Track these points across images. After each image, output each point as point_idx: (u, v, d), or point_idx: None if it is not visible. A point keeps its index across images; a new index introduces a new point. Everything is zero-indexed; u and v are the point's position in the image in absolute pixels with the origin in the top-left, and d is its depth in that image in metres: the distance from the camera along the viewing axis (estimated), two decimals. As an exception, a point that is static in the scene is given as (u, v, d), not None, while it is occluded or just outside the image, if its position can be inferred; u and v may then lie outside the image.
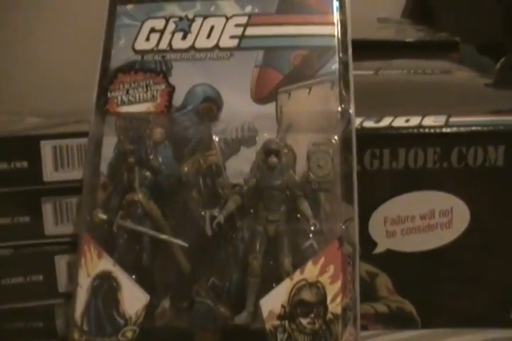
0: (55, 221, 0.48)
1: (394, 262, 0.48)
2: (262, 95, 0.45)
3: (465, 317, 0.49)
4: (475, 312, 0.49)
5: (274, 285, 0.40)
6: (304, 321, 0.40)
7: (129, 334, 0.41)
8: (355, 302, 0.41)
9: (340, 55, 0.45)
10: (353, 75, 0.45)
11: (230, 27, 0.47)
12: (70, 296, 0.43)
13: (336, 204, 0.41)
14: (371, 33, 0.75)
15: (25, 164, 0.48)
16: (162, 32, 0.47)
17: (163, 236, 0.43)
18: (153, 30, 0.47)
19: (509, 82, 0.59)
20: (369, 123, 0.48)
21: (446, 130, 0.47)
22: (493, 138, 0.46)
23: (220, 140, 0.44)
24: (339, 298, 0.40)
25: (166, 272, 0.43)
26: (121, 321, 0.41)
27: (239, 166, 0.43)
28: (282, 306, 0.40)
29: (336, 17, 0.46)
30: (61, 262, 0.48)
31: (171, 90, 0.46)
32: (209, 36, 0.47)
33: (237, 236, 0.42)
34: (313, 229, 0.41)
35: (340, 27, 0.46)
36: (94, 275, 0.42)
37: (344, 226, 0.41)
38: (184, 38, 0.47)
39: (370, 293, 0.48)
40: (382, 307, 0.49)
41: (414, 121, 0.48)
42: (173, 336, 0.41)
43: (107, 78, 0.47)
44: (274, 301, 0.40)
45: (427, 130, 0.47)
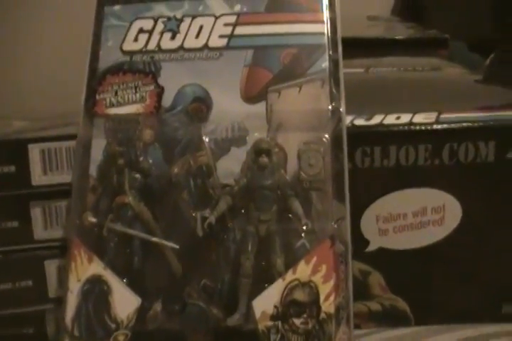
0: (44, 225, 0.48)
1: (386, 260, 0.48)
2: (252, 94, 0.45)
3: (458, 313, 0.49)
4: (468, 309, 0.49)
5: (266, 285, 0.40)
6: (297, 321, 0.39)
7: (121, 338, 0.41)
8: (349, 301, 0.41)
9: (330, 53, 0.45)
10: (343, 73, 0.44)
11: (218, 26, 0.46)
12: (60, 301, 0.43)
13: (328, 203, 0.41)
14: (361, 30, 0.76)
15: (12, 168, 0.47)
16: (150, 32, 0.47)
17: (154, 239, 0.42)
18: (141, 31, 0.47)
19: (498, 78, 0.59)
20: (360, 121, 0.47)
21: (437, 127, 0.47)
22: (484, 134, 0.46)
23: (210, 140, 0.44)
24: (332, 297, 0.40)
25: (157, 275, 0.42)
26: (113, 325, 0.41)
27: (229, 166, 0.43)
28: (275, 307, 0.40)
29: (326, 15, 0.46)
30: (51, 267, 0.48)
31: (160, 91, 0.45)
32: (198, 36, 0.46)
33: (228, 237, 0.42)
34: (305, 228, 0.41)
35: (329, 25, 0.45)
36: (85, 279, 0.42)
37: (336, 225, 0.41)
38: (173, 38, 0.47)
39: (363, 292, 0.48)
40: (375, 306, 0.49)
41: (405, 118, 0.47)
42: (165, 339, 0.41)
43: (95, 80, 0.46)
44: (266, 302, 0.40)
45: (418, 127, 0.47)
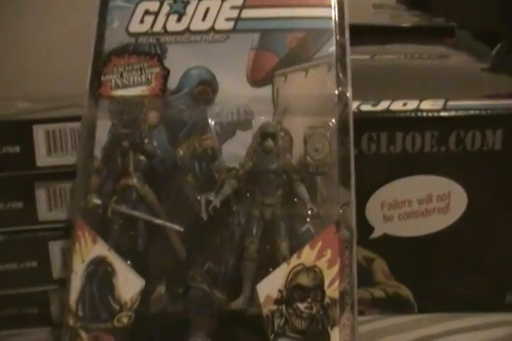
0: (48, 206, 0.48)
1: (391, 247, 0.48)
2: (258, 78, 0.44)
3: (461, 301, 0.49)
4: (471, 297, 0.49)
5: (270, 269, 0.40)
6: (301, 306, 0.39)
7: (125, 319, 0.41)
8: (353, 287, 0.41)
9: (338, 37, 0.44)
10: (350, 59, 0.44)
11: (225, 9, 0.46)
12: (64, 282, 0.43)
13: (333, 188, 0.41)
14: (367, 18, 0.75)
15: (17, 149, 0.47)
16: (156, 14, 0.47)
17: (158, 221, 0.42)
18: (147, 13, 0.47)
19: (505, 67, 0.59)
20: (366, 107, 0.47)
21: (444, 114, 0.46)
22: (491, 122, 0.46)
23: (215, 123, 0.44)
24: (337, 282, 0.39)
25: (161, 257, 0.42)
26: (117, 306, 0.41)
27: (235, 150, 0.43)
28: (279, 291, 0.40)
29: (333, -1, 0.45)
30: (55, 248, 0.48)
31: (166, 73, 0.45)
32: (204, 18, 0.46)
33: (233, 221, 0.42)
34: (310, 213, 0.41)
35: (337, 9, 0.45)
36: (89, 260, 0.42)
37: (341, 211, 0.41)
38: (179, 20, 0.46)
39: (366, 278, 0.48)
40: (378, 292, 0.49)
41: (412, 104, 0.47)
42: (168, 321, 0.41)
43: (101, 61, 0.46)
44: (270, 286, 0.40)
45: (425, 114, 0.46)
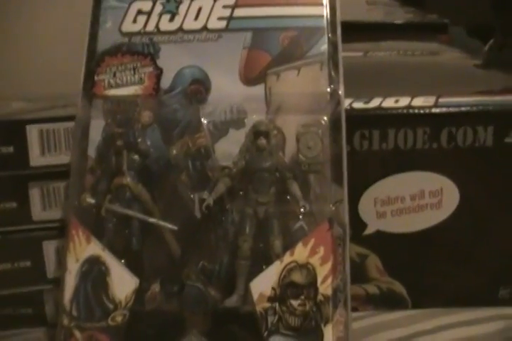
0: (42, 206, 0.48)
1: (384, 243, 0.48)
2: (251, 77, 0.45)
3: (455, 297, 0.49)
4: (464, 292, 0.49)
5: (264, 267, 0.40)
6: (295, 303, 0.40)
7: (119, 318, 0.41)
8: (346, 284, 0.41)
9: (329, 35, 0.45)
10: (342, 56, 0.44)
11: (217, 8, 0.46)
12: (58, 282, 0.43)
13: (326, 186, 0.41)
14: (360, 15, 0.75)
15: (11, 149, 0.47)
16: (149, 14, 0.47)
17: (152, 220, 0.43)
18: (140, 12, 0.47)
19: (498, 63, 0.59)
20: (358, 104, 0.47)
21: (435, 110, 0.47)
22: (483, 119, 0.46)
23: (208, 122, 0.44)
24: (329, 279, 0.40)
25: (155, 256, 0.42)
26: (111, 305, 0.41)
27: (228, 148, 0.43)
28: (273, 288, 0.40)
29: (325, -3, 0.45)
30: (49, 247, 0.48)
31: (159, 73, 0.45)
32: (197, 18, 0.46)
33: (226, 219, 0.42)
34: (303, 210, 0.41)
35: (329, 8, 0.45)
36: (83, 260, 0.42)
37: (334, 208, 0.41)
38: (172, 19, 0.46)
39: (360, 275, 0.49)
40: (372, 289, 0.49)
41: (404, 101, 0.47)
42: (163, 320, 0.41)
43: (94, 61, 0.46)
44: (264, 283, 0.40)
45: (417, 110, 0.47)
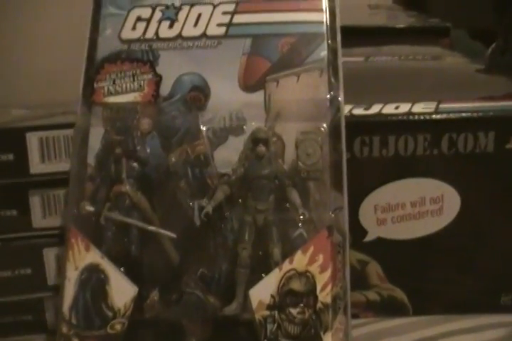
0: (42, 213, 0.48)
1: (384, 250, 0.48)
2: (250, 83, 0.45)
3: (456, 303, 0.49)
4: (466, 299, 0.49)
5: (263, 275, 0.40)
6: (294, 311, 0.40)
7: (118, 326, 0.41)
8: (346, 291, 0.41)
9: (329, 41, 0.45)
10: (342, 62, 0.44)
11: (217, 15, 0.46)
12: (59, 289, 0.43)
13: (326, 193, 0.41)
14: (362, 19, 0.75)
15: (11, 156, 0.47)
16: (148, 21, 0.47)
17: (152, 228, 0.43)
18: (139, 19, 0.47)
19: (500, 68, 0.59)
20: (358, 111, 0.47)
21: (436, 116, 0.46)
22: (483, 125, 0.46)
23: (207, 129, 0.44)
24: (329, 287, 0.40)
25: (154, 264, 0.42)
26: (110, 314, 0.41)
27: (227, 156, 0.43)
28: (272, 296, 0.40)
29: (325, 3, 0.46)
30: (50, 255, 0.48)
31: (158, 80, 0.45)
32: (196, 24, 0.46)
33: (225, 227, 0.42)
34: (302, 218, 0.41)
35: (328, 13, 0.45)
36: (82, 268, 0.42)
37: (334, 215, 0.41)
38: (171, 26, 0.47)
39: (361, 281, 0.49)
40: (373, 295, 0.49)
41: (404, 107, 0.47)
42: (162, 328, 0.41)
43: (94, 68, 0.46)
44: (263, 291, 0.40)
45: (417, 117, 0.46)
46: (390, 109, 0.47)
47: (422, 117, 0.46)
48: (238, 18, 0.46)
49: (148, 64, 0.46)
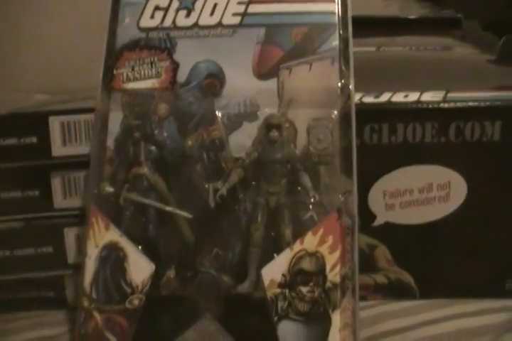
0: (63, 194, 0.50)
1: (393, 234, 0.49)
2: (264, 71, 0.46)
3: (462, 287, 0.50)
4: (471, 283, 0.50)
5: (275, 255, 0.42)
6: (304, 289, 0.41)
7: (136, 301, 0.42)
8: (354, 272, 0.42)
9: (341, 31, 0.45)
10: (354, 52, 0.45)
11: (232, 4, 0.47)
12: (79, 267, 0.44)
13: (336, 177, 0.42)
14: (376, 10, 0.76)
15: (34, 139, 0.49)
16: (166, 10, 0.48)
17: (168, 208, 0.44)
18: (157, 8, 0.48)
19: (511, 59, 0.59)
20: (368, 99, 0.48)
21: (444, 105, 0.47)
22: (490, 114, 0.47)
23: (222, 115, 0.45)
24: (338, 267, 0.41)
25: (171, 243, 0.44)
26: (128, 289, 0.43)
27: (241, 140, 0.44)
28: (283, 275, 0.41)
29: (337, -6, 0.46)
30: (70, 234, 0.50)
31: (175, 67, 0.46)
32: (212, 14, 0.47)
33: (239, 208, 0.43)
34: (313, 201, 0.42)
35: (340, 4, 0.46)
36: (102, 245, 0.43)
37: (343, 198, 0.42)
38: (188, 15, 0.47)
39: (369, 265, 0.50)
40: (381, 278, 0.50)
41: (413, 96, 0.48)
42: (177, 304, 0.43)
43: (113, 56, 0.47)
44: (275, 270, 0.41)
45: (425, 105, 0.47)
46: (399, 97, 0.48)
47: (430, 106, 0.47)
48: (253, 8, 0.47)
49: (166, 51, 0.47)
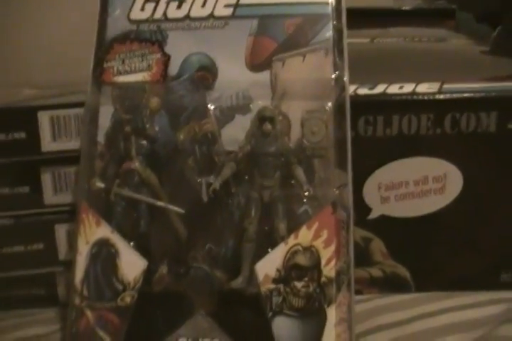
0: (54, 190, 0.49)
1: (388, 227, 0.49)
2: (257, 63, 0.45)
3: (457, 280, 0.50)
4: (467, 276, 0.50)
5: (269, 250, 0.41)
6: (299, 284, 0.40)
7: (128, 299, 0.42)
8: (349, 266, 0.42)
9: (334, 22, 0.45)
10: (348, 43, 0.45)
11: (224, -4, 0.47)
12: (70, 264, 0.44)
13: (330, 170, 0.42)
14: (370, 1, 0.75)
15: (23, 135, 0.48)
16: (157, 1, 0.47)
17: (160, 203, 0.44)
18: (148, 0, 0.47)
19: (505, 50, 0.59)
20: (363, 90, 0.48)
21: (439, 96, 0.47)
22: (486, 105, 0.47)
23: (215, 108, 0.45)
24: (333, 261, 0.41)
25: (163, 238, 0.43)
26: (120, 286, 0.42)
27: (234, 134, 0.44)
28: (277, 270, 0.41)
29: (330, -15, 0.46)
30: (61, 230, 0.49)
31: (167, 59, 0.46)
32: (204, 5, 0.47)
33: (232, 202, 0.43)
34: (307, 194, 0.42)
35: (334, -6, 0.46)
36: (93, 242, 0.43)
37: (338, 192, 0.42)
38: (179, 7, 0.47)
39: (364, 258, 0.49)
40: (376, 272, 0.50)
41: (408, 87, 0.48)
42: (170, 301, 0.42)
43: (103, 48, 0.47)
44: (269, 265, 0.41)
45: (421, 97, 0.47)
46: (394, 88, 0.48)
47: (425, 97, 0.47)
48: (245, -1, 0.46)
49: (157, 44, 0.46)
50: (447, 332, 0.46)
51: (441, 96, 0.47)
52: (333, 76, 0.44)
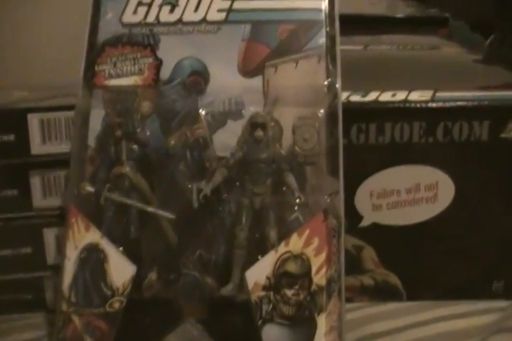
0: (43, 194, 0.49)
1: (380, 235, 0.49)
2: (249, 69, 0.45)
3: (449, 289, 0.50)
4: (459, 285, 0.50)
5: (259, 257, 0.41)
6: (289, 292, 0.40)
7: (116, 305, 0.41)
8: (340, 275, 0.41)
9: (328, 29, 0.45)
10: (341, 50, 0.45)
11: (217, 0, 0.46)
12: (58, 268, 0.43)
13: (322, 178, 0.42)
14: (363, 8, 0.75)
15: (12, 137, 0.48)
16: (149, 5, 0.47)
17: (151, 209, 0.43)
18: (140, 3, 0.47)
19: (498, 59, 0.59)
20: (356, 98, 0.48)
21: (432, 105, 0.47)
22: (478, 114, 0.47)
23: (207, 113, 0.44)
24: (324, 269, 0.40)
25: (153, 244, 0.43)
26: (109, 292, 0.42)
27: (226, 139, 0.44)
28: (267, 278, 0.40)
29: (324, -9, 0.46)
30: (49, 235, 0.49)
31: (159, 63, 0.46)
32: (196, 9, 0.47)
33: (223, 209, 0.43)
34: (298, 201, 0.42)
35: (327, 1, 0.46)
36: (82, 247, 0.43)
37: (329, 199, 0.41)
38: (172, 11, 0.47)
39: (356, 266, 0.49)
40: (368, 280, 0.50)
41: (401, 95, 0.48)
42: (160, 307, 0.42)
43: (95, 51, 0.46)
44: (259, 273, 0.41)
45: (413, 105, 0.47)
46: (386, 96, 0.48)
47: (418, 105, 0.47)
48: (238, 4, 0.46)
49: (149, 48, 0.46)
50: (438, 342, 0.46)
51: (434, 105, 0.47)
52: (326, 83, 0.43)
